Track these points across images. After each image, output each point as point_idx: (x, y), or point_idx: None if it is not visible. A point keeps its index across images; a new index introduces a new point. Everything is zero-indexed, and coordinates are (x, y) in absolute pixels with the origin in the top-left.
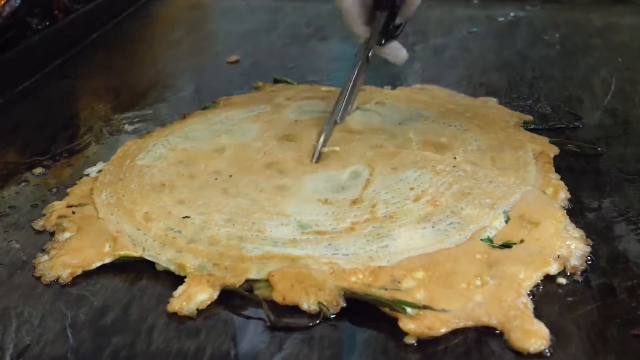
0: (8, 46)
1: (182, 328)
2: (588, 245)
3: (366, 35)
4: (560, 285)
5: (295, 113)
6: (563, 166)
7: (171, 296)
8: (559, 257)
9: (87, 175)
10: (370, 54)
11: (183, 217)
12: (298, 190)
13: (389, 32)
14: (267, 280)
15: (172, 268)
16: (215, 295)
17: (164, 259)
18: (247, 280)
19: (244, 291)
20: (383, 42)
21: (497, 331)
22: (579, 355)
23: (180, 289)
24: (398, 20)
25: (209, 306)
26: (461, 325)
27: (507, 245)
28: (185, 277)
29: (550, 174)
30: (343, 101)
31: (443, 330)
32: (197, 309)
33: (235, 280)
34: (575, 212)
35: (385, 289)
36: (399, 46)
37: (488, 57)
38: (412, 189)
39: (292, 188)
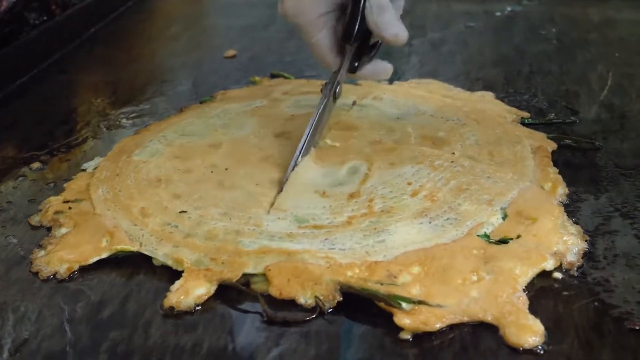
0: (6, 41)
1: (180, 323)
2: (585, 241)
3: (337, 66)
4: (556, 280)
5: (292, 108)
6: (560, 161)
7: (168, 291)
8: (555, 253)
9: (85, 170)
10: (337, 89)
11: (180, 212)
12: (296, 184)
13: (363, 55)
14: (263, 275)
15: (170, 263)
16: (213, 290)
17: (161, 253)
18: (244, 275)
19: (241, 286)
20: (357, 65)
21: (493, 326)
22: (575, 349)
23: (178, 283)
24: (372, 40)
25: (206, 301)
26: (456, 320)
27: (503, 241)
28: (182, 271)
29: (548, 168)
30: (305, 140)
31: (438, 326)
32: (195, 304)
33: (232, 274)
34: (572, 207)
35: (381, 284)
36: (379, 63)
37: (485, 52)
38: (409, 184)
39: (289, 181)
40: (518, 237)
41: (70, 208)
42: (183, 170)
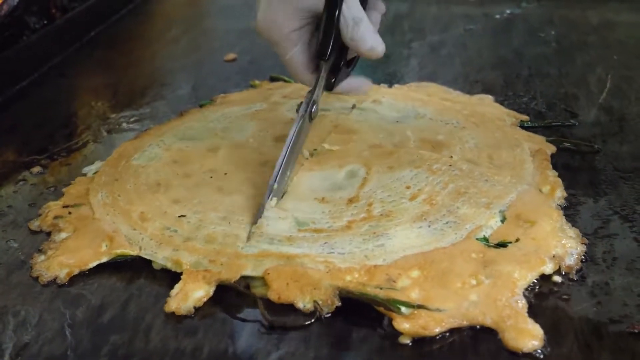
0: (6, 45)
1: (180, 327)
2: (584, 244)
3: (312, 84)
4: (555, 283)
5: (291, 111)
6: (559, 164)
7: (168, 295)
8: (554, 256)
9: (85, 174)
10: (313, 109)
11: (179, 216)
12: (295, 189)
13: (339, 71)
14: (263, 279)
15: (169, 265)
16: (211, 291)
17: (160, 257)
18: (244, 279)
19: (240, 287)
20: (333, 81)
21: (493, 330)
22: (574, 352)
23: (177, 287)
24: (350, 55)
25: (206, 305)
26: (456, 324)
27: (502, 245)
28: (181, 274)
29: (547, 171)
30: (280, 168)
31: (437, 330)
32: (194, 307)
33: (230, 275)
34: (571, 210)
35: (381, 288)
36: (356, 79)
37: (484, 55)
38: (408, 187)
39: (289, 186)
40: (517, 240)
41: (69, 213)
42: (182, 175)
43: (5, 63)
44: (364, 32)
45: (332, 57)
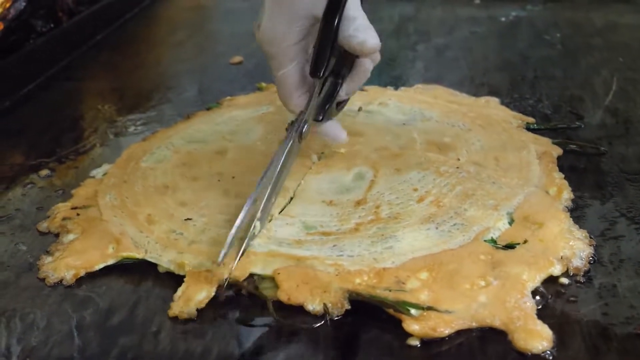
0: (13, 48)
1: (189, 329)
2: (591, 245)
3: (302, 106)
4: (563, 285)
5: None
6: (565, 166)
7: (172, 300)
8: (562, 258)
9: (93, 177)
10: (304, 129)
11: (185, 220)
12: (302, 192)
13: (328, 110)
14: (272, 281)
15: (172, 268)
16: (213, 291)
17: (165, 260)
18: (253, 280)
19: (250, 288)
20: (321, 118)
21: (501, 331)
22: (581, 354)
23: (180, 290)
24: (341, 96)
25: (215, 307)
26: (465, 326)
27: (510, 246)
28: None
29: (554, 173)
30: (267, 191)
31: (447, 332)
32: (197, 309)
33: (239, 273)
34: (578, 212)
35: (390, 290)
36: (337, 127)
37: (490, 57)
38: (415, 190)
39: (297, 189)
40: (525, 242)
41: (78, 214)
42: (190, 178)
43: (12, 66)
44: (357, 26)
45: (326, 74)
